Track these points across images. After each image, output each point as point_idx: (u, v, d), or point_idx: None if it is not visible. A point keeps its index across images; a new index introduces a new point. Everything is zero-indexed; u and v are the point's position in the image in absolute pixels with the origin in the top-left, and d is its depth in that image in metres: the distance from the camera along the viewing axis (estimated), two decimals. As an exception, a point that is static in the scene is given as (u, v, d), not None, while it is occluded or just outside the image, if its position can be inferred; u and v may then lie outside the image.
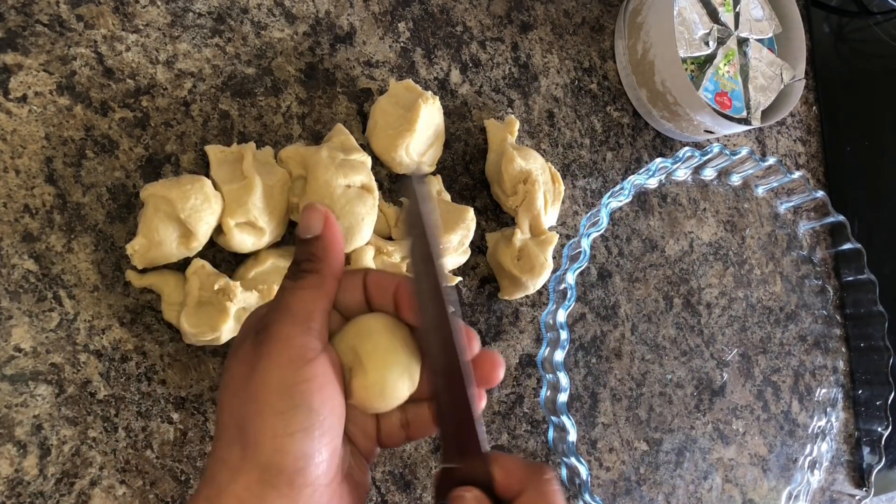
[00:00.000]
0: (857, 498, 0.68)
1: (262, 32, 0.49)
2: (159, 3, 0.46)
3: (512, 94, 0.58)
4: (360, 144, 0.49)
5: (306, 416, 0.28)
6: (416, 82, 0.53)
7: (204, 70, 0.47)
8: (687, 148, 0.56)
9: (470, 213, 0.49)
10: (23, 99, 0.42)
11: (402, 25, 0.54)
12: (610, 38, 0.64)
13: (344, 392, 0.31)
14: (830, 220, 0.69)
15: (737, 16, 0.65)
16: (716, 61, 0.63)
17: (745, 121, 0.64)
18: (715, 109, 0.61)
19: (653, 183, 0.63)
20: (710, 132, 0.63)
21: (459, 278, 0.51)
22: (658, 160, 0.55)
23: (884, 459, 0.68)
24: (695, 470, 0.62)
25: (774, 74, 0.66)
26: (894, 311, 0.70)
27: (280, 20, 0.50)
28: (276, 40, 0.50)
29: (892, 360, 0.68)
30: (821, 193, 0.67)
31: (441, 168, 0.54)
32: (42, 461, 0.40)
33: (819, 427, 0.70)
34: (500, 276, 0.54)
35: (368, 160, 0.47)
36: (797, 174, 0.65)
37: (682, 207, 0.65)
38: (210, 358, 0.45)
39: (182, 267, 0.43)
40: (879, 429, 0.69)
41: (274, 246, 0.46)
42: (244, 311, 0.42)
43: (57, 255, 0.42)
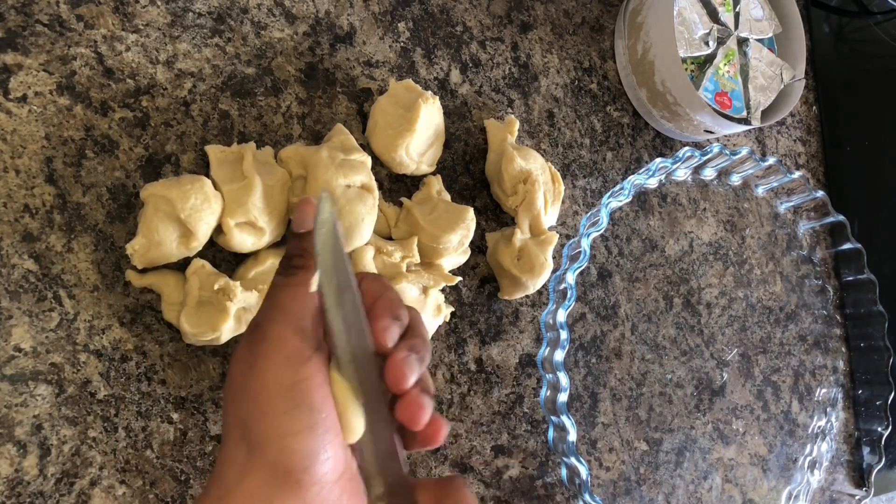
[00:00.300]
0: (857, 498, 0.68)
1: (262, 32, 0.49)
2: (159, 3, 0.46)
3: (512, 94, 0.58)
4: (360, 144, 0.49)
5: (308, 415, 0.28)
6: (416, 82, 0.53)
7: (204, 70, 0.47)
8: (687, 148, 0.56)
9: (470, 213, 0.49)
10: (23, 99, 0.42)
11: (402, 25, 0.54)
12: (610, 38, 0.64)
13: None
14: (830, 220, 0.69)
15: (737, 16, 0.65)
16: (716, 61, 0.63)
17: (745, 121, 0.64)
18: (715, 109, 0.61)
19: (653, 183, 0.63)
20: (710, 132, 0.63)
21: (459, 278, 0.51)
22: (658, 160, 0.55)
23: (884, 459, 0.68)
24: (695, 470, 0.62)
25: (774, 74, 0.66)
26: (894, 311, 0.70)
27: (280, 20, 0.50)
28: (276, 40, 0.50)
29: (892, 360, 0.68)
30: (821, 193, 0.67)
31: (441, 168, 0.54)
32: (42, 461, 0.40)
33: (819, 427, 0.70)
34: (500, 276, 0.54)
35: (368, 160, 0.47)
36: (797, 174, 0.65)
37: (682, 207, 0.65)
38: (210, 358, 0.45)
39: (182, 267, 0.43)
40: (879, 429, 0.69)
41: (274, 246, 0.46)
42: (244, 310, 0.42)
43: (57, 255, 0.42)
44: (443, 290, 0.52)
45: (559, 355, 0.50)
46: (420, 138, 0.50)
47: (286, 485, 0.27)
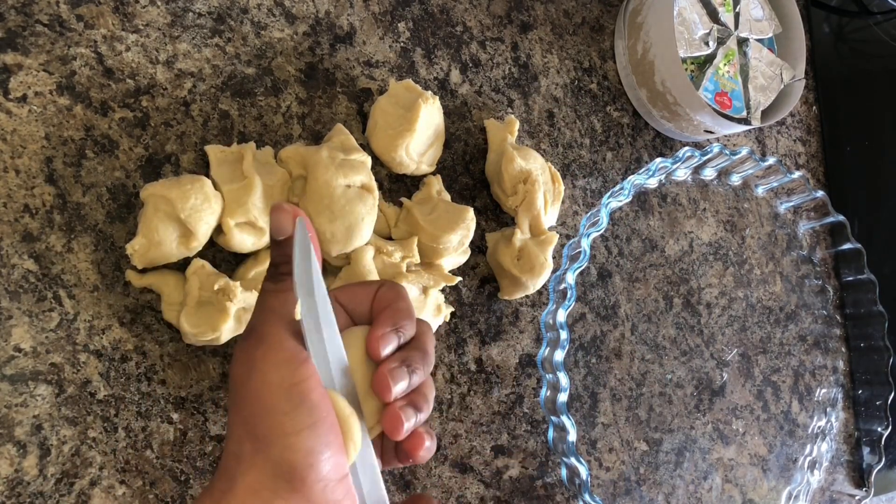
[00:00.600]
0: (857, 498, 0.68)
1: (262, 32, 0.49)
2: (159, 3, 0.46)
3: (512, 94, 0.58)
4: (360, 144, 0.49)
5: (309, 414, 0.29)
6: (416, 82, 0.53)
7: (204, 70, 0.47)
8: (687, 148, 0.56)
9: (470, 213, 0.49)
10: (23, 99, 0.42)
11: (402, 25, 0.54)
12: (610, 38, 0.64)
13: None
14: (830, 220, 0.69)
15: (737, 16, 0.65)
16: (716, 61, 0.63)
17: (745, 121, 0.64)
18: (715, 109, 0.61)
19: (653, 183, 0.63)
20: (710, 132, 0.63)
21: (459, 278, 0.51)
22: (658, 160, 0.55)
23: (884, 459, 0.68)
24: (695, 470, 0.62)
25: (774, 74, 0.66)
26: (894, 311, 0.70)
27: (280, 20, 0.50)
28: (276, 40, 0.50)
29: (892, 360, 0.68)
30: (821, 193, 0.67)
31: (441, 168, 0.54)
32: (42, 461, 0.40)
33: (819, 427, 0.70)
34: (500, 276, 0.54)
35: (368, 160, 0.47)
36: (797, 174, 0.65)
37: (682, 207, 0.65)
38: (210, 358, 0.45)
39: (182, 267, 0.43)
40: (879, 429, 0.69)
41: (274, 246, 0.46)
42: (244, 310, 0.42)
43: (57, 255, 0.42)
44: (443, 290, 0.52)
45: (559, 355, 0.50)
46: (420, 138, 0.50)
47: (290, 481, 0.28)
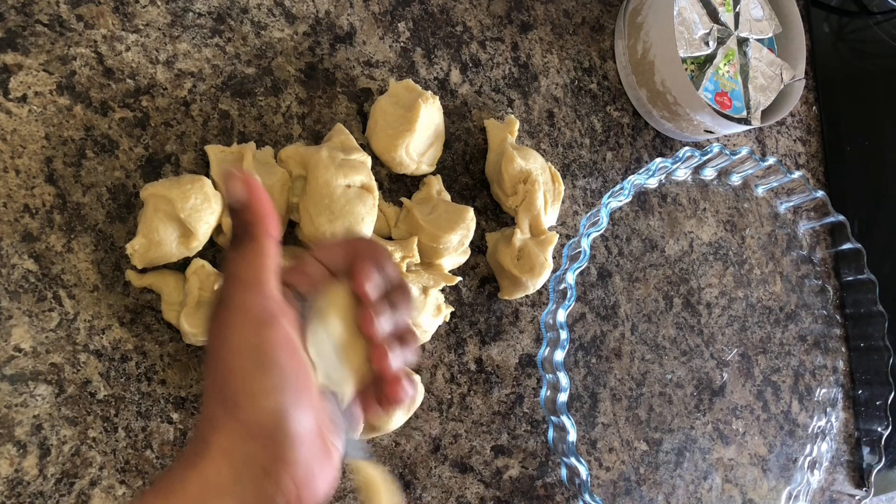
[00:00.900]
0: (857, 498, 0.68)
1: (262, 32, 0.49)
2: (159, 3, 0.46)
3: (512, 94, 0.58)
4: (360, 144, 0.49)
5: (277, 375, 0.30)
6: (416, 82, 0.53)
7: (204, 70, 0.47)
8: (687, 148, 0.56)
9: (470, 213, 0.49)
10: (23, 99, 0.42)
11: (402, 25, 0.54)
12: (610, 37, 0.64)
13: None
14: (830, 219, 0.69)
15: (737, 16, 0.65)
16: (716, 61, 0.63)
17: (745, 121, 0.64)
18: (715, 109, 0.61)
19: (653, 183, 0.63)
20: (710, 132, 0.63)
21: (459, 278, 0.51)
22: (658, 160, 0.55)
23: (884, 459, 0.68)
24: (695, 470, 0.62)
25: (774, 74, 0.66)
26: (894, 311, 0.70)
27: (280, 20, 0.50)
28: (276, 40, 0.50)
29: (892, 360, 0.68)
30: (821, 193, 0.67)
31: (441, 168, 0.54)
32: (42, 461, 0.40)
33: (819, 427, 0.70)
34: (500, 276, 0.54)
35: (368, 160, 0.47)
36: (797, 174, 0.65)
37: (682, 207, 0.65)
38: (210, 358, 0.45)
39: (182, 267, 0.43)
40: (879, 429, 0.69)
41: (274, 246, 0.46)
42: (244, 310, 0.42)
43: (57, 255, 0.42)
44: (443, 290, 0.52)
45: (559, 355, 0.50)
46: (420, 138, 0.50)
47: (259, 440, 0.29)
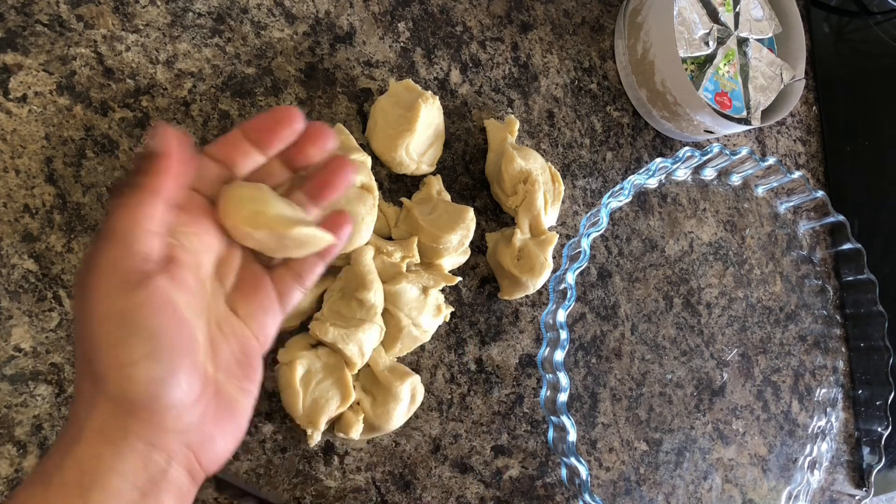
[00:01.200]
0: (857, 498, 0.68)
1: (262, 32, 0.49)
2: (159, 3, 0.46)
3: (512, 94, 0.58)
4: (360, 144, 0.49)
5: (147, 342, 0.27)
6: (416, 82, 0.53)
7: (204, 70, 0.47)
8: (687, 148, 0.56)
9: (470, 213, 0.49)
10: (23, 99, 0.42)
11: (401, 25, 0.54)
12: (610, 37, 0.64)
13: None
14: (830, 220, 0.69)
15: (737, 16, 0.65)
16: (716, 61, 0.63)
17: (745, 121, 0.64)
18: (715, 109, 0.61)
19: (653, 183, 0.63)
20: (710, 132, 0.63)
21: (459, 278, 0.51)
22: (658, 160, 0.55)
23: (884, 459, 0.68)
24: (695, 470, 0.62)
25: (774, 74, 0.66)
26: (894, 311, 0.70)
27: (280, 20, 0.50)
28: (276, 40, 0.50)
29: (892, 360, 0.68)
30: (821, 193, 0.67)
31: (441, 168, 0.54)
32: (42, 461, 0.40)
33: (819, 427, 0.70)
34: (500, 277, 0.54)
35: (368, 160, 0.47)
36: (797, 174, 0.65)
37: (682, 207, 0.65)
38: (210, 358, 0.45)
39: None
40: (879, 429, 0.69)
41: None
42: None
43: (57, 255, 0.42)
44: (443, 291, 0.52)
45: (559, 355, 0.50)
46: (420, 138, 0.50)
47: (135, 414, 0.27)
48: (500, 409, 0.54)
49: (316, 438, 0.45)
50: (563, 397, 0.50)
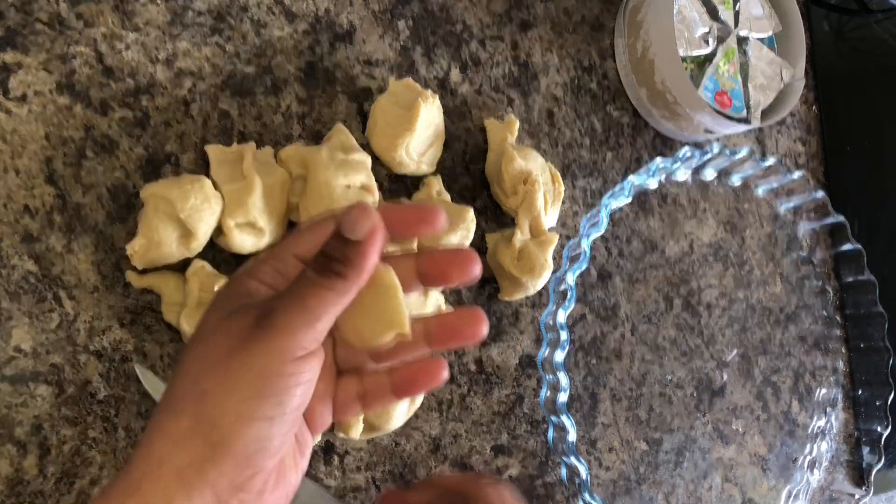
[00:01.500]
0: (856, 497, 0.68)
1: (262, 31, 0.49)
2: (159, 2, 0.46)
3: (512, 93, 0.58)
4: (360, 144, 0.49)
5: (273, 408, 0.27)
6: (416, 81, 0.53)
7: (204, 69, 0.47)
8: (687, 148, 0.56)
9: (470, 214, 0.49)
10: (22, 98, 0.42)
11: (401, 24, 0.54)
12: (610, 36, 0.64)
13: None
14: (830, 220, 0.69)
15: (736, 14, 0.65)
16: (715, 60, 0.63)
17: (745, 120, 0.64)
18: (715, 109, 0.61)
19: (653, 183, 0.63)
20: (710, 132, 0.63)
21: (459, 278, 0.51)
22: (658, 160, 0.55)
23: (883, 459, 0.68)
24: (695, 470, 0.62)
25: (774, 73, 0.66)
26: (894, 312, 0.70)
27: (280, 18, 0.50)
28: (276, 39, 0.50)
29: (892, 361, 0.68)
30: (821, 193, 0.67)
31: (441, 168, 0.54)
32: (42, 461, 0.40)
33: (819, 427, 0.70)
34: (500, 277, 0.54)
35: (368, 160, 0.47)
36: (797, 174, 0.64)
37: (682, 208, 0.65)
38: (210, 358, 0.45)
39: (182, 268, 0.43)
40: (879, 429, 0.69)
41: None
42: (244, 311, 0.42)
43: (57, 255, 0.42)
44: (443, 291, 0.52)
45: (559, 356, 0.50)
46: (420, 138, 0.50)
47: (222, 465, 0.27)
48: (500, 410, 0.54)
49: (316, 438, 0.45)
50: (563, 397, 0.50)
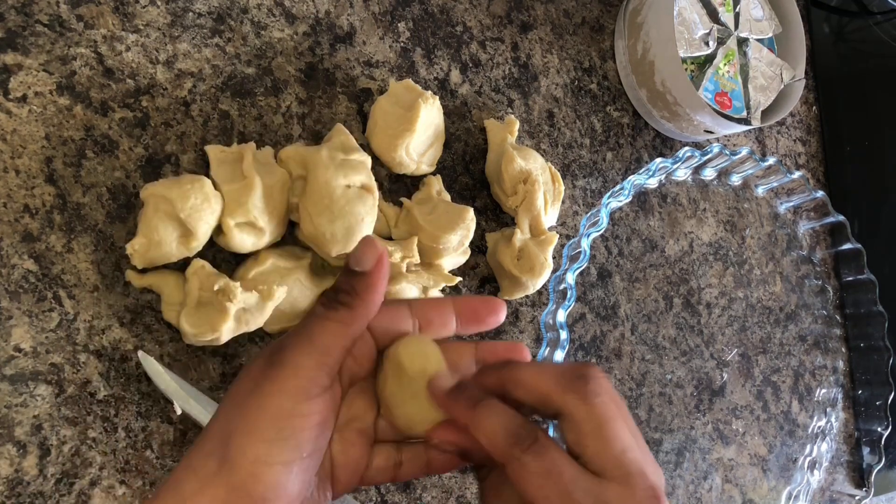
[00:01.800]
0: (856, 498, 0.68)
1: (262, 32, 0.49)
2: (159, 3, 0.46)
3: (512, 94, 0.58)
4: (360, 144, 0.49)
5: (291, 451, 0.28)
6: (416, 82, 0.53)
7: (204, 70, 0.47)
8: (687, 148, 0.56)
9: (470, 213, 0.49)
10: (23, 99, 0.42)
11: (401, 25, 0.54)
12: (610, 37, 0.64)
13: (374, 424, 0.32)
14: (830, 220, 0.69)
15: (737, 16, 0.65)
16: (716, 61, 0.63)
17: (745, 121, 0.64)
18: (715, 109, 0.61)
19: (653, 183, 0.63)
20: (710, 132, 0.63)
21: (459, 278, 0.51)
22: (658, 160, 0.55)
23: (884, 459, 0.68)
24: (695, 470, 0.62)
25: (774, 74, 0.66)
26: (894, 311, 0.70)
27: (280, 20, 0.50)
28: (276, 40, 0.50)
29: (892, 360, 0.68)
30: (821, 193, 0.67)
31: (441, 168, 0.54)
32: (42, 461, 0.40)
33: (819, 427, 0.70)
34: (500, 277, 0.54)
35: (368, 160, 0.47)
36: (797, 174, 0.65)
37: (682, 207, 0.65)
38: (210, 358, 0.45)
39: (182, 267, 0.43)
40: (879, 429, 0.69)
41: (274, 246, 0.46)
42: (244, 311, 0.42)
43: (57, 255, 0.42)
44: (443, 291, 0.52)
45: (559, 355, 0.50)
46: (420, 138, 0.50)
47: None
48: (500, 409, 0.54)
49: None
50: (563, 397, 0.49)
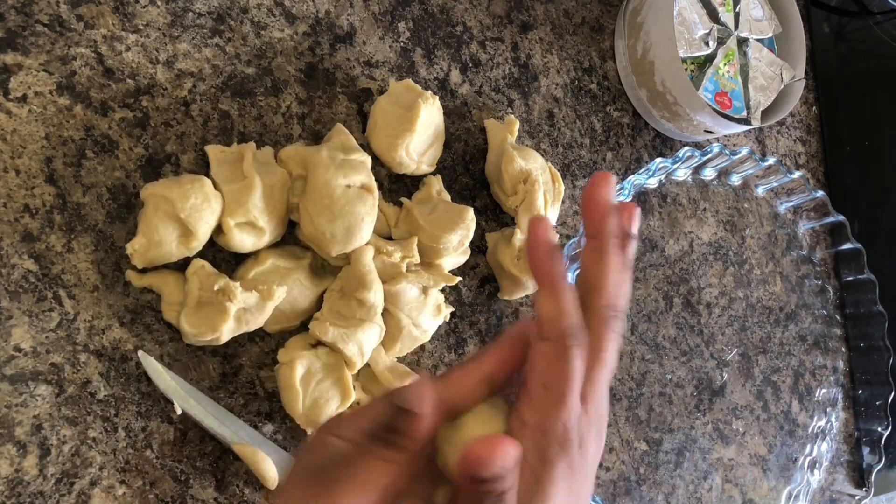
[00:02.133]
0: (857, 498, 0.68)
1: (262, 32, 0.49)
2: (159, 3, 0.46)
3: (512, 94, 0.58)
4: (360, 144, 0.49)
5: None
6: (416, 82, 0.53)
7: (204, 70, 0.47)
8: (687, 148, 0.56)
9: (470, 213, 0.49)
10: (23, 99, 0.42)
11: (402, 25, 0.54)
12: (610, 38, 0.64)
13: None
14: (830, 220, 0.69)
15: (737, 16, 0.65)
16: (716, 61, 0.63)
17: (745, 121, 0.64)
18: (715, 109, 0.61)
19: (653, 183, 0.63)
20: (710, 132, 0.63)
21: (459, 278, 0.51)
22: (658, 160, 0.55)
23: (884, 459, 0.68)
24: (695, 470, 0.62)
25: (774, 74, 0.66)
26: (894, 311, 0.70)
27: (280, 20, 0.50)
28: (276, 40, 0.50)
29: (892, 360, 0.68)
30: (821, 193, 0.67)
31: (441, 168, 0.54)
32: (42, 461, 0.40)
33: (819, 427, 0.70)
34: (500, 276, 0.54)
35: (368, 160, 0.47)
36: (797, 174, 0.65)
37: (682, 207, 0.65)
38: (210, 358, 0.45)
39: (182, 267, 0.43)
40: (879, 429, 0.69)
41: (274, 246, 0.46)
42: (244, 311, 0.42)
43: (57, 255, 0.42)
44: (443, 291, 0.52)
45: (559, 355, 0.50)
46: (420, 138, 0.50)
47: None
48: (500, 409, 0.54)
49: None
50: (563, 397, 0.49)
